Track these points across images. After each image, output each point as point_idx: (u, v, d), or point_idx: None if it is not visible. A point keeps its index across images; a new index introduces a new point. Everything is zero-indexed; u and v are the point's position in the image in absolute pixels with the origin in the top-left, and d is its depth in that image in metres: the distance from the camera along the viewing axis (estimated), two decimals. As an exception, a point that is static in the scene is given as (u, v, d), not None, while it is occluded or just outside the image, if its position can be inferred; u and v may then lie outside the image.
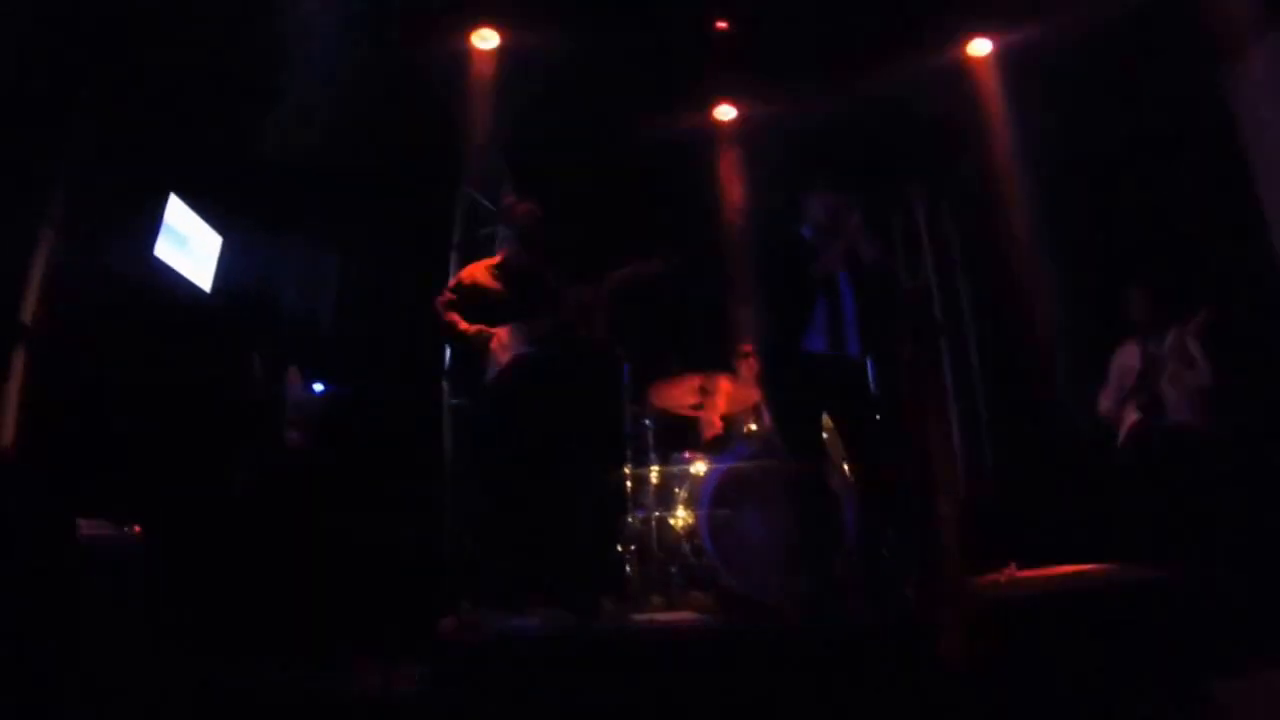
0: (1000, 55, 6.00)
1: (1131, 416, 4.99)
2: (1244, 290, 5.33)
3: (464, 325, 3.90)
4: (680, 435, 5.60)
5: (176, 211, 4.92)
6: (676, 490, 4.88)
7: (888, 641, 3.16)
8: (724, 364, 5.41)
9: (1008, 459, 6.01)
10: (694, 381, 5.13)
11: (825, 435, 3.91)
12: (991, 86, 6.01)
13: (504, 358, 3.85)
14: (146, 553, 3.62)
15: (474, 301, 3.97)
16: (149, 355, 4.43)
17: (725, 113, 6.59)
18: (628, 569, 4.73)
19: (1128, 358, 5.12)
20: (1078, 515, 5.31)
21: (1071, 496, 5.47)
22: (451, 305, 3.97)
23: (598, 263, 4.23)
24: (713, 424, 5.32)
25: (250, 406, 4.91)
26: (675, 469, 5.00)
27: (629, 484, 4.91)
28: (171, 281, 4.90)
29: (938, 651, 2.99)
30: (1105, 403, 5.18)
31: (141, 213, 4.73)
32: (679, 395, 5.20)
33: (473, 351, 3.91)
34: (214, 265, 5.25)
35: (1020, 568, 4.19)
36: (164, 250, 4.82)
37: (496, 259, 4.26)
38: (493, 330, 3.88)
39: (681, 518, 4.76)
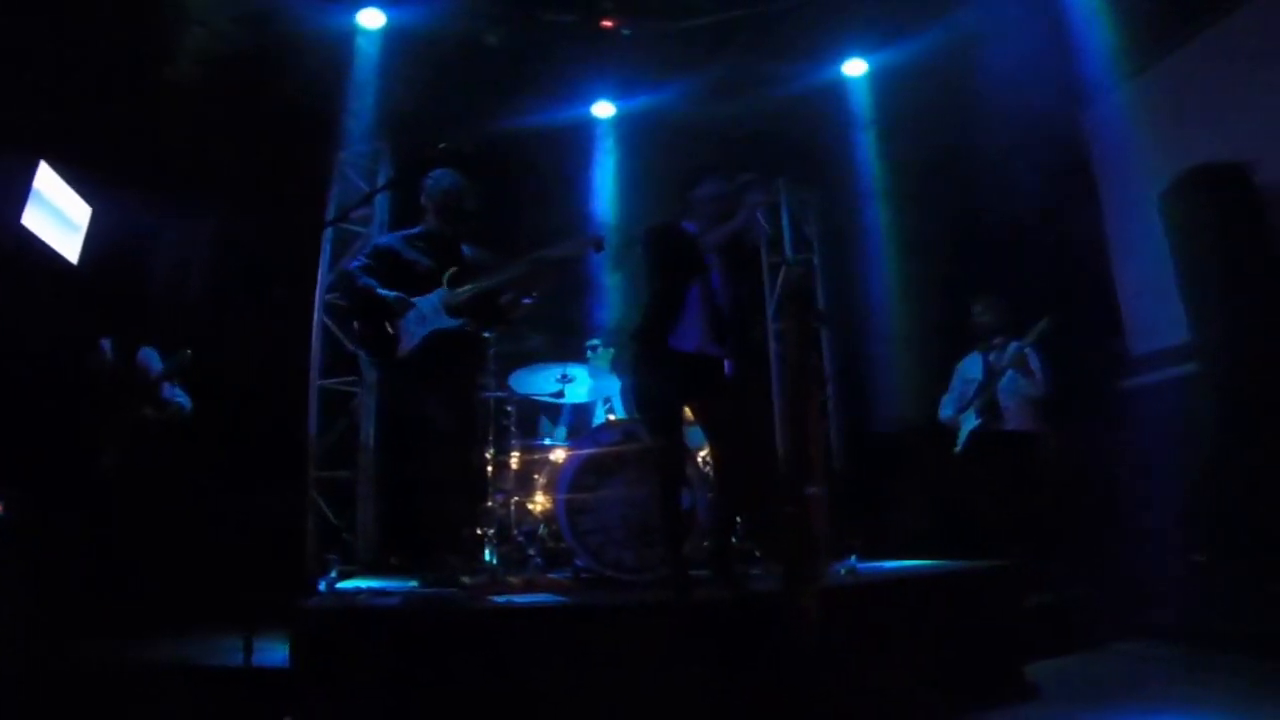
0: (874, 75, 6.38)
1: (971, 422, 5.34)
2: (1083, 307, 5.85)
3: (382, 291, 3.80)
4: (540, 421, 5.67)
5: (46, 179, 4.72)
6: (536, 476, 4.94)
7: (737, 620, 3.27)
8: (585, 353, 5.51)
9: (857, 455, 6.31)
10: (555, 369, 5.19)
11: (685, 426, 4.04)
12: (864, 102, 6.41)
13: (418, 330, 3.80)
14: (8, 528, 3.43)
15: (389, 271, 3.88)
16: (9, 327, 4.26)
17: (605, 108, 6.70)
18: (488, 551, 4.76)
19: (971, 367, 5.48)
20: (918, 512, 5.66)
21: (913, 494, 5.82)
22: (368, 271, 3.87)
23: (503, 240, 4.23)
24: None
25: (107, 385, 4.71)
26: (535, 455, 5.06)
27: (490, 468, 4.92)
28: (38, 251, 4.70)
29: (786, 632, 3.11)
30: (948, 409, 5.52)
31: (8, 179, 4.52)
32: (539, 382, 5.26)
33: (391, 317, 3.80)
34: (83, 236, 5.05)
35: (863, 559, 4.37)
36: (31, 219, 4.61)
37: (414, 230, 4.17)
38: (412, 301, 3.81)
39: (540, 502, 4.82)
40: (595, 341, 5.70)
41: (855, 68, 6.42)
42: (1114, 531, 5.27)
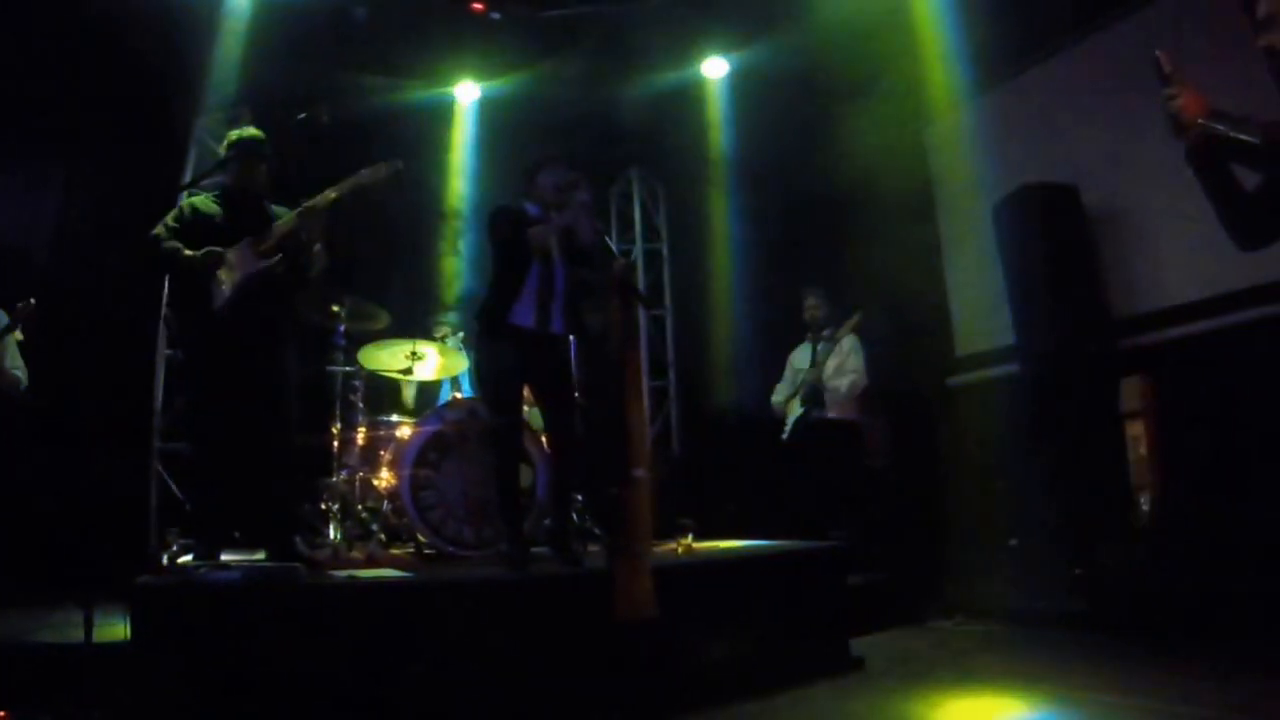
0: (732, 76, 6.63)
1: (797, 410, 5.71)
2: (914, 308, 6.29)
3: (188, 253, 3.67)
4: (388, 398, 5.71)
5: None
6: (382, 452, 4.94)
7: (573, 596, 3.43)
8: (433, 331, 5.58)
9: (692, 438, 6.63)
10: (404, 347, 5.20)
11: (526, 407, 4.19)
12: (720, 101, 6.67)
13: (229, 281, 3.70)
14: None
15: (195, 231, 3.75)
16: None
17: (469, 90, 6.72)
18: (331, 527, 4.75)
19: (800, 357, 5.85)
20: (748, 494, 6.00)
21: (744, 477, 6.17)
22: (172, 233, 3.73)
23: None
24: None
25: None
26: (381, 431, 5.06)
27: (335, 444, 4.91)
28: None
29: (614, 607, 3.25)
30: (779, 396, 5.89)
31: None
32: (388, 359, 5.26)
33: (199, 274, 3.69)
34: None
35: (696, 538, 4.55)
36: None
37: (216, 188, 4.05)
38: (220, 251, 3.69)
39: (385, 478, 4.82)
40: (446, 319, 5.80)
41: (715, 67, 6.66)
42: (936, 516, 5.66)
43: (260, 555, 3.86)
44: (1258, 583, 3.99)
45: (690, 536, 4.52)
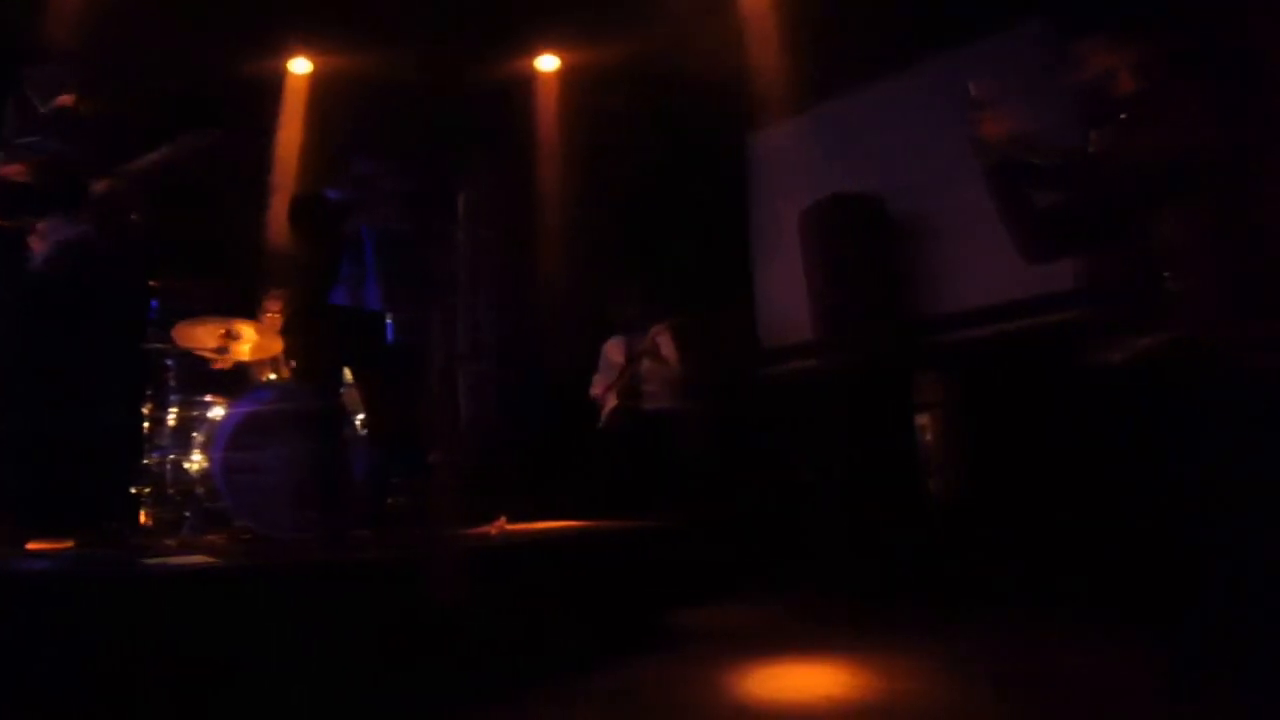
0: (564, 72, 6.71)
1: (613, 400, 5.91)
2: (726, 303, 6.67)
3: None
4: (201, 378, 5.50)
5: None
6: (195, 434, 4.79)
7: (392, 579, 3.48)
8: (251, 310, 5.43)
9: (510, 424, 6.73)
10: (219, 325, 4.97)
11: (344, 387, 4.18)
12: (552, 97, 6.73)
13: (41, 245, 3.55)
14: None
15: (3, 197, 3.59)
16: None
17: (303, 64, 6.53)
18: (142, 512, 4.58)
19: (614, 350, 6.04)
20: (566, 480, 6.16)
21: (562, 464, 6.32)
22: None
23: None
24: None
25: None
26: (194, 411, 4.89)
27: (146, 424, 4.72)
28: None
29: (429, 590, 3.36)
30: (596, 387, 6.06)
31: None
32: (202, 337, 5.00)
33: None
34: None
35: (511, 522, 4.66)
36: None
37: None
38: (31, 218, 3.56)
39: (198, 461, 4.69)
40: (270, 299, 5.63)
41: (547, 62, 6.72)
42: (750, 498, 6.03)
43: (69, 543, 3.72)
44: (1028, 556, 4.60)
45: (505, 520, 4.60)
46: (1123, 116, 2.64)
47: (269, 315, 5.38)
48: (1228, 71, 3.08)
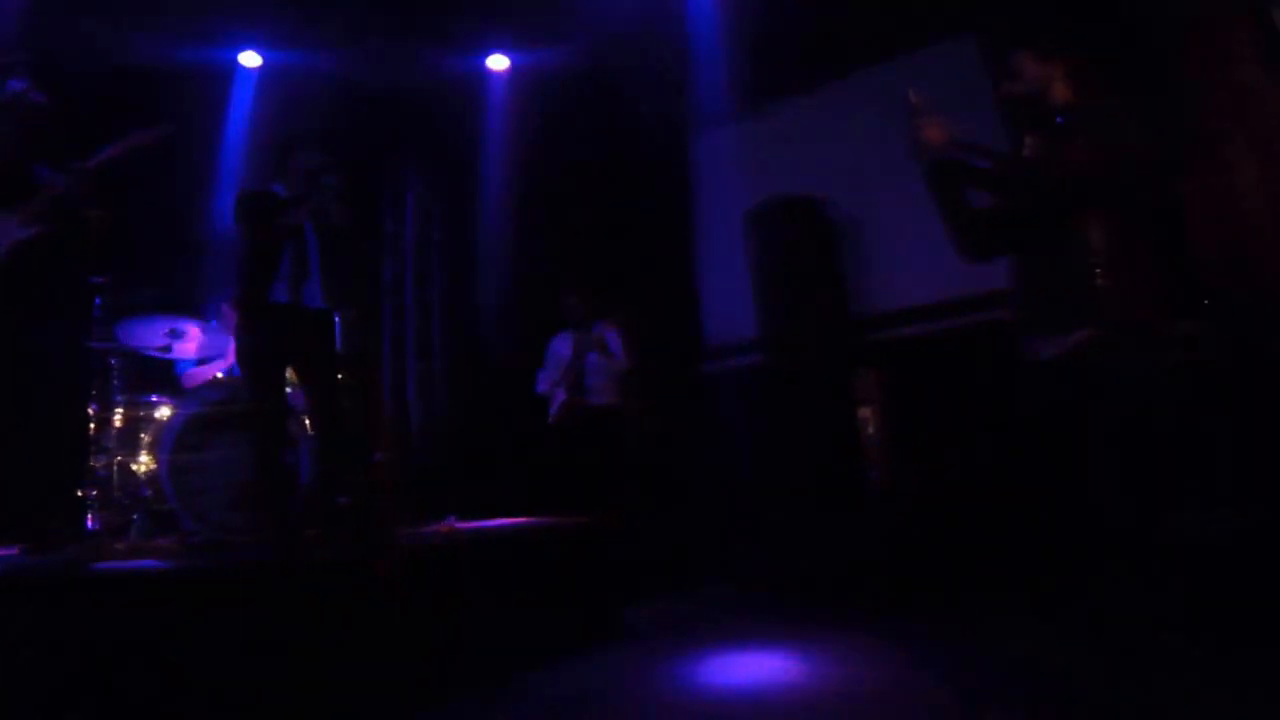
0: (514, 72, 6.77)
1: (560, 396, 6.00)
2: (670, 300, 6.78)
3: None
4: (147, 377, 5.46)
5: None
6: (142, 435, 4.74)
7: (335, 578, 3.47)
8: (198, 309, 5.39)
9: (458, 421, 6.78)
10: (164, 323, 5.01)
11: (289, 387, 4.19)
12: (501, 96, 6.79)
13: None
14: None
15: None
16: None
17: (251, 58, 6.48)
18: (89, 515, 4.49)
19: (561, 346, 6.11)
20: (514, 476, 6.23)
21: (510, 460, 6.39)
22: None
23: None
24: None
25: None
26: (140, 412, 4.82)
27: (92, 425, 4.65)
28: None
29: (374, 589, 3.40)
30: (543, 384, 6.13)
31: None
32: (147, 335, 5.01)
33: None
34: None
35: (460, 520, 4.71)
36: None
37: None
38: None
39: (145, 462, 4.64)
40: (219, 298, 5.60)
41: (498, 62, 6.77)
42: (695, 492, 6.19)
43: (16, 547, 3.71)
44: (958, 543, 4.84)
45: (454, 519, 4.65)
46: (1058, 121, 2.78)
47: (221, 314, 5.39)
48: (1154, 83, 3.25)
